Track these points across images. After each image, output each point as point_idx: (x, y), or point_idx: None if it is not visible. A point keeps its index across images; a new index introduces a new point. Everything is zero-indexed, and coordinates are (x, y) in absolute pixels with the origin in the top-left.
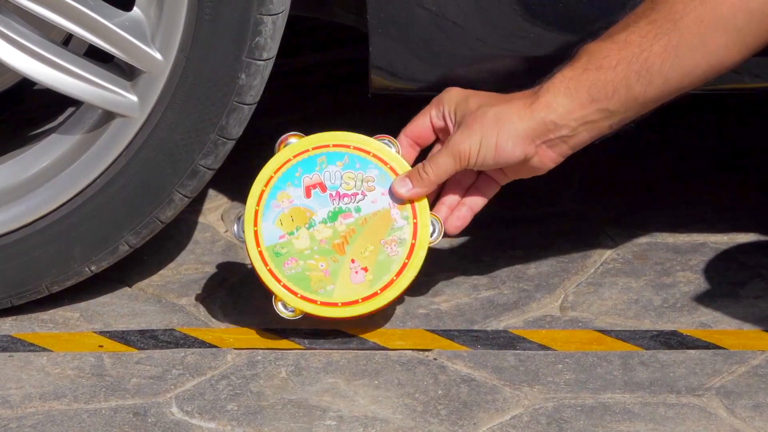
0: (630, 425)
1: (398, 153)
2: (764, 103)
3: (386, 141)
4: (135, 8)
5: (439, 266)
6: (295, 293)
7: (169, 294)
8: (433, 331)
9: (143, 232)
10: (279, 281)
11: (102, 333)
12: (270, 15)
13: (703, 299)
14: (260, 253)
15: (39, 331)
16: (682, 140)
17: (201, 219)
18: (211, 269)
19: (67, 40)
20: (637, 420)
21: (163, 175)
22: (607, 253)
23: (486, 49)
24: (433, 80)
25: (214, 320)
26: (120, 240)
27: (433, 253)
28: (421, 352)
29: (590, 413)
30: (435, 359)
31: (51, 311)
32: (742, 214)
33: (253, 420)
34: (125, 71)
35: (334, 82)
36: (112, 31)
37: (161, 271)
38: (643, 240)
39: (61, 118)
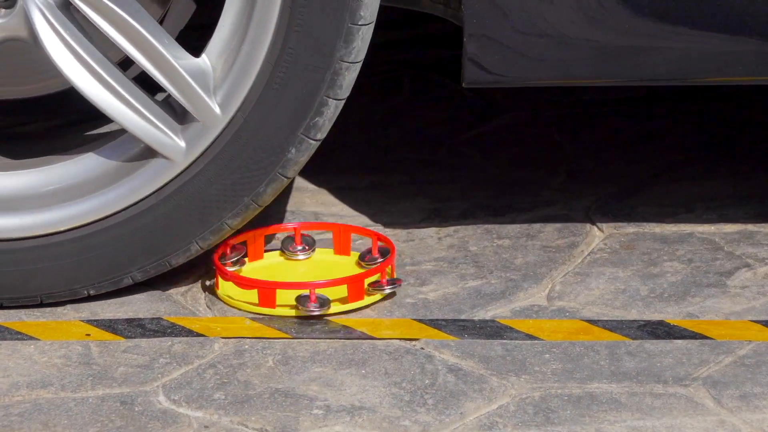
0: (617, 415)
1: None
2: (750, 94)
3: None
4: (203, 56)
5: (426, 256)
6: None
7: (157, 283)
8: (420, 321)
9: (151, 271)
10: None
11: (89, 321)
12: (335, 99)
13: (690, 289)
14: None
15: (26, 319)
16: (668, 130)
17: None
18: (199, 258)
19: (123, 63)
20: (623, 410)
21: (189, 225)
22: (595, 243)
23: (587, 40)
24: (530, 73)
25: (201, 309)
26: (126, 274)
27: (420, 243)
28: (409, 342)
29: (577, 403)
30: (422, 348)
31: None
32: (729, 204)
33: (240, 409)
34: (177, 113)
35: None
36: (178, 73)
37: None
38: (631, 230)
39: (105, 129)
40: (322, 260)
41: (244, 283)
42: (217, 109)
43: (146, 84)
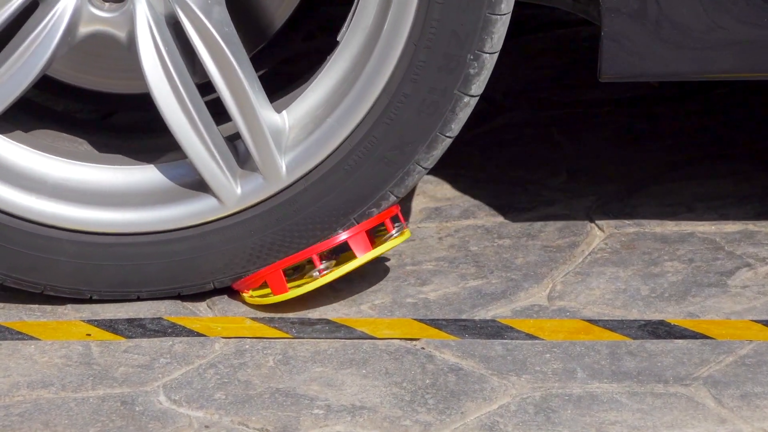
0: (617, 415)
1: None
2: (751, 93)
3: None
4: (284, 113)
5: (426, 255)
6: None
7: None
8: (420, 321)
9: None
10: None
11: (90, 321)
12: (395, 195)
13: (691, 289)
14: None
15: (27, 319)
16: (669, 130)
17: None
18: None
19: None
20: (624, 409)
21: (211, 265)
22: (595, 243)
23: (728, 33)
24: (669, 68)
25: (201, 309)
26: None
27: (421, 243)
28: (409, 342)
29: (578, 403)
30: (423, 348)
31: (39, 300)
32: (730, 203)
33: (241, 409)
34: (240, 158)
35: None
36: (259, 123)
37: None
38: (631, 230)
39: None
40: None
41: (252, 280)
42: (283, 170)
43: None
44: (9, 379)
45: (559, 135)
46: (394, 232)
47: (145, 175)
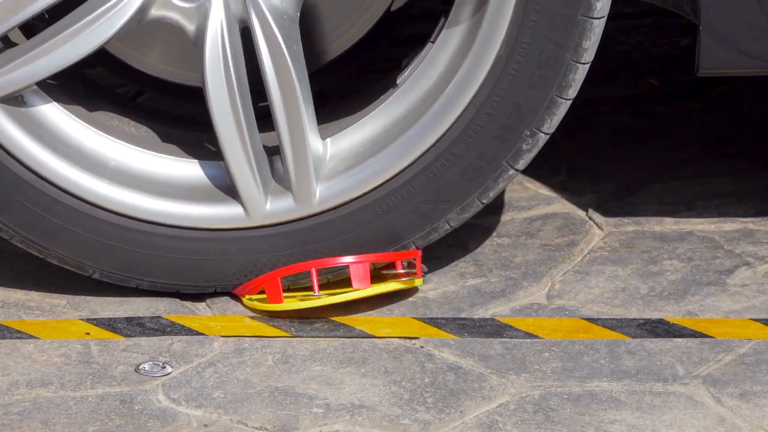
0: (616, 413)
1: None
2: (751, 91)
3: None
4: (328, 141)
5: (426, 254)
6: None
7: None
8: (420, 319)
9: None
10: None
11: (89, 320)
12: (415, 245)
13: (690, 287)
14: None
15: (26, 318)
16: (669, 128)
17: None
18: None
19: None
20: (623, 408)
21: (212, 271)
22: (594, 242)
23: None
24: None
25: (200, 308)
26: None
27: None
28: (408, 340)
29: (577, 401)
30: (422, 347)
31: (38, 298)
32: (729, 202)
33: (240, 407)
34: (274, 175)
35: None
36: (304, 147)
37: None
38: (630, 228)
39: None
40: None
41: (252, 287)
42: (316, 197)
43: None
44: (8, 378)
45: (559, 133)
46: (401, 271)
47: (182, 168)
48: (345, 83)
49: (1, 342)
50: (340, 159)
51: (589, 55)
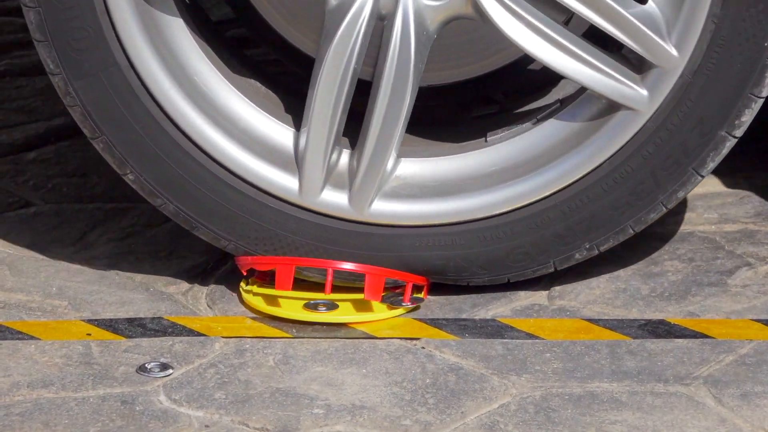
0: (617, 414)
1: None
2: None
3: None
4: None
5: None
6: None
7: (157, 282)
8: (420, 320)
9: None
10: None
11: (90, 321)
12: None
13: (691, 288)
14: None
15: (27, 319)
16: None
17: None
18: (200, 258)
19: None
20: (624, 409)
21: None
22: None
23: None
24: None
25: (202, 309)
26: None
27: None
28: (409, 341)
29: (578, 402)
30: (423, 348)
31: (39, 299)
32: (730, 203)
33: (241, 408)
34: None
35: None
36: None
37: (149, 260)
38: None
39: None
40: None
41: (263, 262)
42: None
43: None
44: (9, 379)
45: None
46: (408, 303)
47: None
48: (433, 110)
49: (2, 343)
50: (405, 183)
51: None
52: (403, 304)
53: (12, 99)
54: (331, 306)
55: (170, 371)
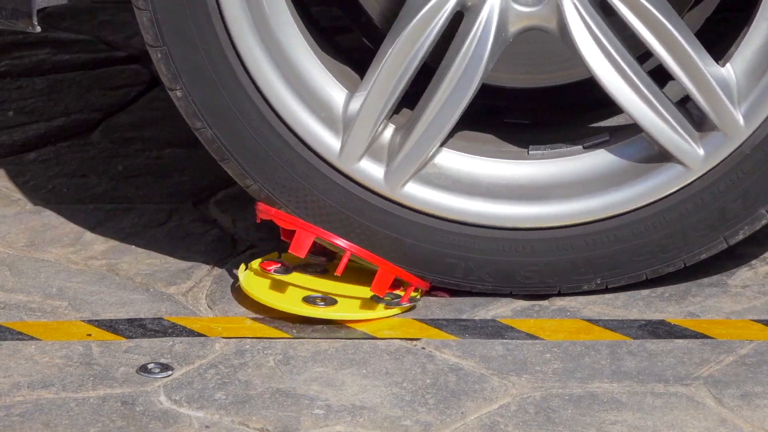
0: (618, 414)
1: None
2: None
3: None
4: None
5: None
6: None
7: (158, 283)
8: (421, 321)
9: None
10: None
11: (90, 322)
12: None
13: (691, 288)
14: None
15: (27, 319)
16: None
17: (190, 208)
18: (200, 258)
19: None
20: (624, 409)
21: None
22: None
23: None
24: None
25: (202, 309)
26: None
27: None
28: (409, 341)
29: (578, 402)
30: (423, 348)
31: (39, 300)
32: None
33: (241, 409)
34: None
35: None
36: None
37: (149, 260)
38: None
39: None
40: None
41: (286, 220)
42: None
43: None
44: (9, 380)
45: None
46: (407, 303)
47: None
48: None
49: (2, 343)
50: (440, 172)
51: None
52: (402, 304)
53: (12, 100)
54: (330, 302)
55: (170, 372)
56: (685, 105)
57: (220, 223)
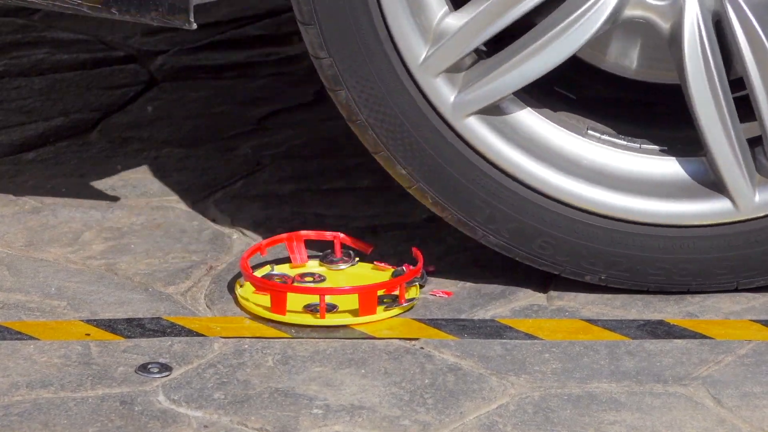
0: (616, 414)
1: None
2: None
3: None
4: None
5: (426, 255)
6: None
7: (156, 282)
8: (419, 320)
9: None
10: None
11: (89, 321)
12: None
13: None
14: None
15: (26, 319)
16: None
17: (188, 208)
18: (198, 258)
19: None
20: (623, 409)
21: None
22: None
23: None
24: None
25: (201, 309)
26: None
27: (419, 243)
28: (408, 341)
29: (577, 402)
30: (422, 348)
31: (38, 299)
32: None
33: (240, 408)
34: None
35: None
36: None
37: (148, 260)
38: None
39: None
40: (360, 274)
41: (259, 285)
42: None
43: None
44: (8, 379)
45: None
46: (404, 303)
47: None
48: None
49: (1, 343)
50: None
51: None
52: (401, 304)
53: (11, 99)
54: (330, 308)
55: (169, 371)
56: (759, 146)
57: (219, 222)
